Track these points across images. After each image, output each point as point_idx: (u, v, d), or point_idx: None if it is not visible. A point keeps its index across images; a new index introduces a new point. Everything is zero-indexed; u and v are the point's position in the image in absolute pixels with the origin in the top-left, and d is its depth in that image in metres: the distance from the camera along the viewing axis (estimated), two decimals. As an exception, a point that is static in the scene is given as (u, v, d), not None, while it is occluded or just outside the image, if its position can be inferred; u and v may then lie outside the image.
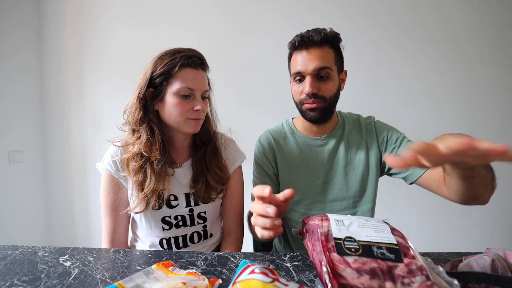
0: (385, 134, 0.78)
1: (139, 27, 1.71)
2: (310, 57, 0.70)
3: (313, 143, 0.80)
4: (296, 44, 0.72)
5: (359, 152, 0.79)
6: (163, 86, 0.69)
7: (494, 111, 1.51)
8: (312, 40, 0.70)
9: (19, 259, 0.54)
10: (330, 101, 0.73)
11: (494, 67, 1.49)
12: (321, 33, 0.70)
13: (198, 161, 0.77)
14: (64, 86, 1.83)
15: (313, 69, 0.70)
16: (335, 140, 0.79)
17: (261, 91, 1.63)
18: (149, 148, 0.70)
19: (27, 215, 1.77)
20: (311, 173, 0.79)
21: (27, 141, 1.77)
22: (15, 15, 1.68)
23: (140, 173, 0.70)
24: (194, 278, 0.43)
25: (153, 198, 0.70)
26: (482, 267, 0.41)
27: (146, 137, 0.70)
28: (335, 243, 0.37)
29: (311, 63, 0.70)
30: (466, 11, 1.49)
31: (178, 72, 0.68)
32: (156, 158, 0.70)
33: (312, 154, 0.80)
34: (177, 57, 0.68)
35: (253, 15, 1.61)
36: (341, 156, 0.79)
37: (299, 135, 0.82)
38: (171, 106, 0.69)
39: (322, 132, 0.80)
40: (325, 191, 0.79)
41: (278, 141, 0.82)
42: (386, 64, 1.55)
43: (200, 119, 0.72)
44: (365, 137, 0.80)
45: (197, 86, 0.70)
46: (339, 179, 0.78)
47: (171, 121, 0.71)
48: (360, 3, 1.54)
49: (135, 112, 0.71)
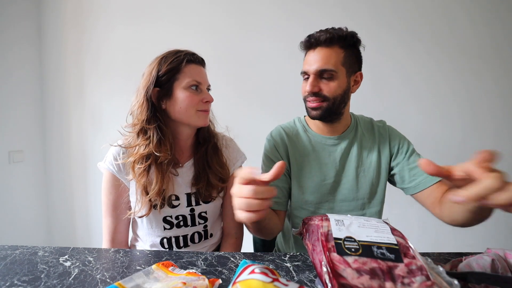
0: (398, 141, 0.79)
1: (139, 25, 1.71)
2: (315, 58, 0.71)
3: (325, 142, 0.80)
4: (306, 44, 0.74)
5: (371, 155, 0.79)
6: (170, 83, 0.70)
7: (498, 110, 1.50)
8: (319, 40, 0.70)
9: (19, 259, 0.54)
10: (335, 101, 0.72)
11: (498, 66, 1.49)
12: (331, 33, 0.69)
13: (199, 159, 0.78)
14: (64, 86, 1.83)
15: (315, 69, 0.71)
16: (348, 141, 0.79)
17: (262, 90, 1.63)
18: (159, 148, 0.70)
19: (27, 215, 1.77)
20: (322, 171, 0.79)
21: (27, 141, 1.77)
22: (15, 12, 1.68)
23: (145, 176, 0.70)
24: (194, 278, 0.43)
25: (157, 201, 0.71)
26: (482, 267, 0.41)
27: (157, 136, 0.70)
28: (335, 243, 0.37)
29: (314, 64, 0.71)
30: (470, 11, 1.49)
31: (185, 67, 0.71)
32: (166, 158, 0.70)
33: (325, 153, 0.79)
34: (180, 55, 0.71)
35: (255, 13, 1.61)
36: (353, 157, 0.79)
37: (312, 133, 0.82)
38: (182, 100, 0.70)
39: (334, 131, 0.80)
40: (335, 190, 0.79)
41: (291, 137, 0.82)
42: (391, 63, 1.55)
43: (209, 111, 0.76)
44: (377, 141, 0.80)
45: (203, 80, 0.74)
46: (350, 179, 0.78)
47: (182, 116, 0.71)
48: (364, 2, 1.54)
49: (142, 113, 0.70)
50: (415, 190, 0.74)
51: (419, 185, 0.73)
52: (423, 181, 0.73)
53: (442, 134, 1.54)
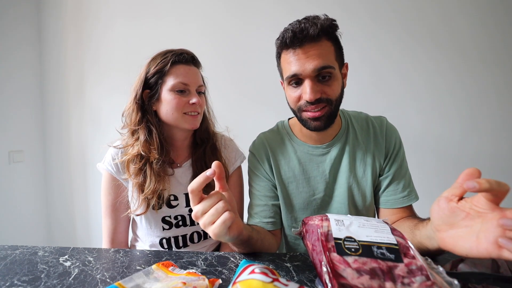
0: (392, 148, 0.70)
1: (139, 24, 1.71)
2: (307, 56, 0.57)
3: (312, 152, 0.70)
4: (287, 41, 0.58)
5: (364, 161, 0.69)
6: (158, 85, 0.70)
7: (496, 110, 1.51)
8: (308, 34, 0.56)
9: (19, 259, 0.54)
10: (336, 104, 0.62)
11: (496, 66, 1.49)
12: (317, 25, 0.56)
13: (198, 159, 0.78)
14: (64, 86, 1.83)
15: (312, 69, 0.57)
16: (338, 148, 0.69)
17: (263, 88, 1.62)
18: (147, 148, 0.71)
19: (27, 215, 1.77)
20: (310, 186, 0.70)
21: (27, 141, 1.77)
22: (15, 13, 1.68)
23: (140, 175, 0.71)
24: (194, 278, 0.43)
25: (153, 200, 0.70)
26: (482, 267, 0.41)
27: (144, 137, 0.71)
28: (335, 243, 0.37)
29: (309, 63, 0.57)
30: (468, 11, 1.49)
31: (170, 69, 0.69)
32: (154, 158, 0.70)
33: (312, 165, 0.70)
34: (168, 55, 0.70)
35: (257, 10, 1.61)
36: (345, 167, 0.69)
37: (297, 142, 0.72)
38: (167, 102, 0.70)
39: (323, 139, 0.70)
40: (326, 205, 0.71)
41: (274, 149, 0.73)
42: (389, 63, 1.55)
43: (197, 113, 0.73)
44: (372, 143, 0.70)
45: (190, 81, 0.71)
46: (341, 192, 0.70)
47: (169, 118, 0.71)
48: (363, 2, 1.54)
49: (132, 114, 0.72)
50: (381, 205, 0.71)
51: (387, 203, 0.69)
52: (392, 201, 0.68)
53: (441, 133, 1.54)
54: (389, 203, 0.69)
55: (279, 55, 0.65)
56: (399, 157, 0.70)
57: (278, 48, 0.64)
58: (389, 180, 0.69)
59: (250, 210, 0.74)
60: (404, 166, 0.71)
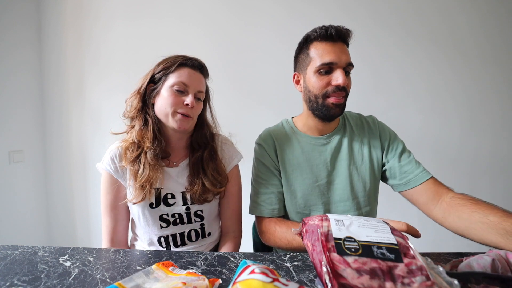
0: (388, 136, 0.78)
1: (139, 24, 1.71)
2: (341, 50, 0.69)
3: (315, 142, 0.78)
4: (332, 32, 0.68)
5: (362, 151, 0.78)
6: (161, 81, 0.73)
7: (496, 110, 1.51)
8: (341, 34, 0.69)
9: (19, 259, 0.54)
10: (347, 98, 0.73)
11: (496, 66, 1.50)
12: (346, 30, 0.69)
13: (194, 163, 0.78)
14: (64, 86, 1.83)
15: (346, 61, 0.68)
16: (337, 139, 0.78)
17: (264, 88, 1.63)
18: (141, 136, 0.73)
19: (27, 215, 1.77)
20: (313, 173, 0.77)
21: (27, 141, 1.77)
22: (15, 13, 1.68)
23: (136, 163, 0.73)
24: (194, 278, 0.43)
25: (147, 188, 0.72)
26: (482, 267, 0.40)
27: (139, 126, 0.74)
28: (335, 243, 0.37)
29: (344, 56, 0.68)
30: (467, 11, 1.50)
31: (176, 69, 0.72)
32: (147, 147, 0.72)
33: (315, 154, 0.78)
34: (179, 58, 0.74)
35: (257, 10, 1.61)
36: (344, 155, 0.77)
37: (300, 134, 0.80)
38: (164, 98, 0.72)
39: (325, 130, 0.78)
40: (328, 191, 0.77)
41: (280, 140, 0.80)
42: (389, 63, 1.55)
43: (189, 116, 0.73)
44: (368, 136, 0.79)
45: (191, 83, 0.73)
46: (343, 179, 0.76)
47: (161, 114, 0.73)
48: (363, 2, 1.54)
49: (133, 102, 0.75)
50: (405, 188, 0.73)
51: (410, 183, 0.72)
52: (414, 179, 0.71)
53: (441, 133, 1.54)
54: (412, 181, 0.72)
55: (309, 46, 0.72)
56: (397, 142, 0.78)
57: (313, 38, 0.71)
58: (400, 162, 0.75)
59: (256, 198, 0.79)
60: (407, 150, 0.77)
